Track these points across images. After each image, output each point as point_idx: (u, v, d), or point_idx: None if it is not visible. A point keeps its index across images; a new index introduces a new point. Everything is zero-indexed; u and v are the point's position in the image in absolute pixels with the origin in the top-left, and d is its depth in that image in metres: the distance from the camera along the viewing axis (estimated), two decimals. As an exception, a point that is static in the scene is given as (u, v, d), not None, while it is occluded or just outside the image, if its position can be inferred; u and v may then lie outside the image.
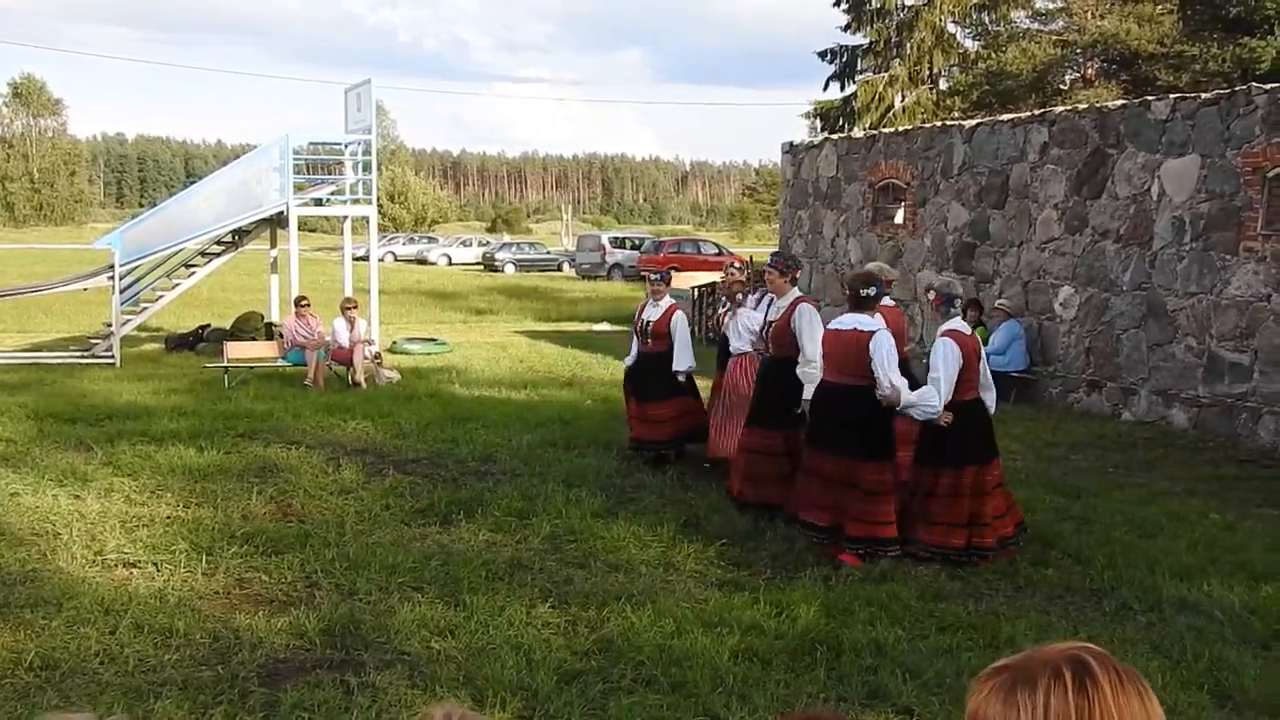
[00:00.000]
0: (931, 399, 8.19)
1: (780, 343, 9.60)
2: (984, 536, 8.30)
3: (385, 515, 9.46)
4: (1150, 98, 15.67)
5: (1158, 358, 14.66)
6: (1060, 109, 16.90)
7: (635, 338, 11.99)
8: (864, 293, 8.50)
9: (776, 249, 17.20)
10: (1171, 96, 14.98)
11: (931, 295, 8.68)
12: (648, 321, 11.77)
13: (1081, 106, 16.62)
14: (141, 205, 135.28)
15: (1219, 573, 8.10)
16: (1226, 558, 8.53)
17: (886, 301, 9.23)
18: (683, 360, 11.39)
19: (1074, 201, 15.93)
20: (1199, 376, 14.10)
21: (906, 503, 8.50)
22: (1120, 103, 16.05)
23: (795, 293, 9.75)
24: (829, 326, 8.63)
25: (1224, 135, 13.78)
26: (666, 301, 11.70)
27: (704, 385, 12.02)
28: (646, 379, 11.65)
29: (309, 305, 17.98)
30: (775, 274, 9.80)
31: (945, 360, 8.21)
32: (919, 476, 8.49)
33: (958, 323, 8.51)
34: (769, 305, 10.23)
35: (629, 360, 12.11)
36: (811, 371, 9.13)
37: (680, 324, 11.45)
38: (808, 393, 9.08)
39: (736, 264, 13.40)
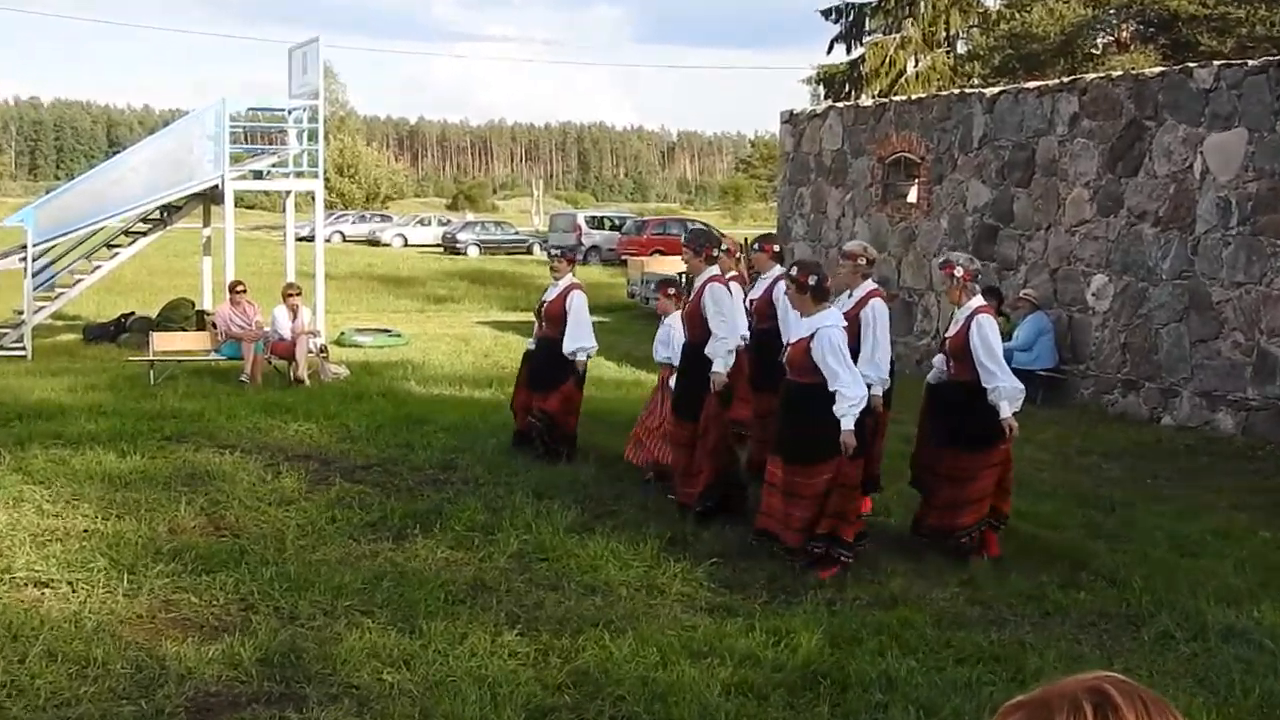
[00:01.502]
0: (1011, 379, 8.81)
1: (694, 326, 9.99)
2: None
3: (331, 529, 9.42)
4: (1192, 64, 15.71)
5: (1201, 355, 14.70)
6: (1092, 76, 16.93)
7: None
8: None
9: (772, 230, 17.25)
10: (1215, 63, 15.03)
11: (960, 271, 8.96)
12: (543, 302, 12.17)
13: (1116, 74, 16.66)
14: (58, 178, 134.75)
15: (1270, 597, 8.12)
16: (1279, 580, 8.55)
17: (869, 284, 9.78)
18: (573, 341, 11.52)
19: (1107, 180, 15.95)
20: (1247, 376, 14.15)
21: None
22: (1159, 70, 16.11)
23: (711, 271, 10.05)
24: (844, 325, 8.74)
25: (1273, 106, 13.81)
26: (566, 280, 11.85)
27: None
28: (538, 367, 12.07)
29: (245, 291, 17.89)
30: (689, 253, 10.36)
31: (998, 340, 8.82)
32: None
33: (981, 299, 9.06)
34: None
35: (530, 344, 12.57)
36: (719, 346, 9.69)
37: (576, 303, 11.57)
38: (718, 366, 9.68)
39: (726, 246, 13.30)
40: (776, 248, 11.07)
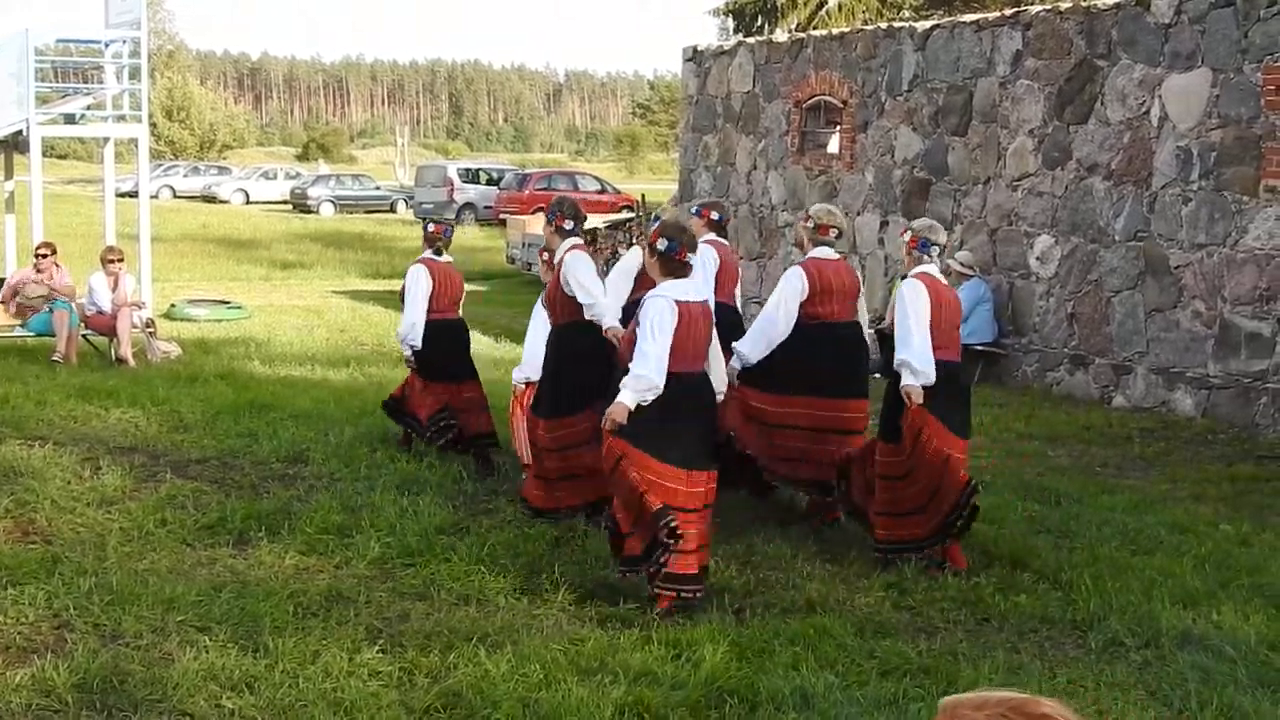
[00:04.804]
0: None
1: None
2: None
3: (160, 533, 9.33)
4: (1150, -5, 15.93)
5: (1158, 327, 14.98)
6: (1038, 8, 17.14)
7: None
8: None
9: (671, 186, 17.31)
10: (1176, -6, 15.24)
11: (908, 236, 9.17)
12: None
13: (1065, 5, 16.88)
14: None
15: (1231, 598, 8.32)
16: (1241, 579, 8.76)
17: (815, 252, 9.81)
18: (402, 324, 11.66)
19: (1054, 127, 16.19)
20: (1209, 351, 14.42)
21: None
22: (1113, 1, 16.30)
23: (573, 241, 10.03)
24: (679, 299, 8.09)
25: (1241, 44, 14.03)
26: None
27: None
28: None
29: (54, 256, 17.49)
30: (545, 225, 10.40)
31: (921, 314, 8.72)
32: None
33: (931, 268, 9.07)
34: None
35: None
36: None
37: (411, 281, 11.57)
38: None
39: (627, 206, 13.43)
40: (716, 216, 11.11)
